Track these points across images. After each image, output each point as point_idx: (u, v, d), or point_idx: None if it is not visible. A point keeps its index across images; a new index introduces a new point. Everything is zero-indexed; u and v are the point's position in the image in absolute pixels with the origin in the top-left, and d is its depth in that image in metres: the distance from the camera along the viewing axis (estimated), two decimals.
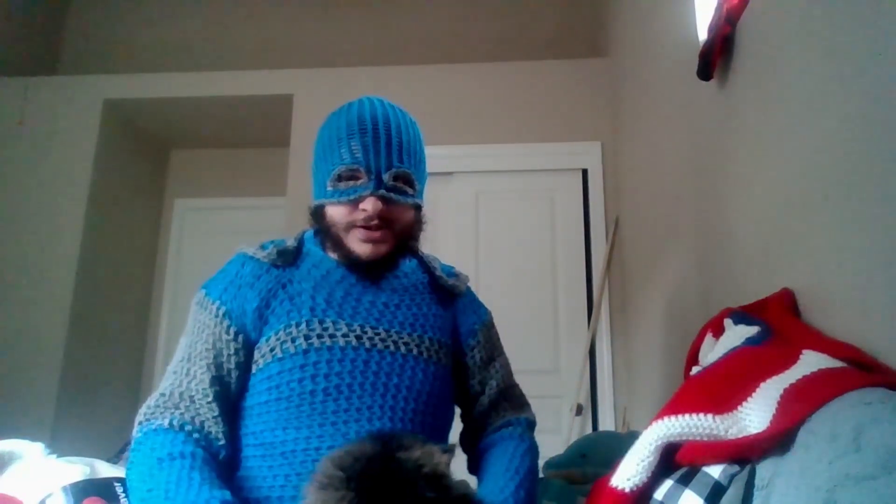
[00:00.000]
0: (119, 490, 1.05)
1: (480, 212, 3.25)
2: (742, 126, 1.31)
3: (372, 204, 1.05)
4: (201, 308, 1.09)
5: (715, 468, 0.74)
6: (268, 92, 3.46)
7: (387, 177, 1.07)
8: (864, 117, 0.84)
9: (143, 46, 3.94)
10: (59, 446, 1.20)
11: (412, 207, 1.13)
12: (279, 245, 1.14)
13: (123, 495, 1.04)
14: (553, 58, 3.48)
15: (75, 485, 1.03)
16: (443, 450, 0.82)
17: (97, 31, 4.05)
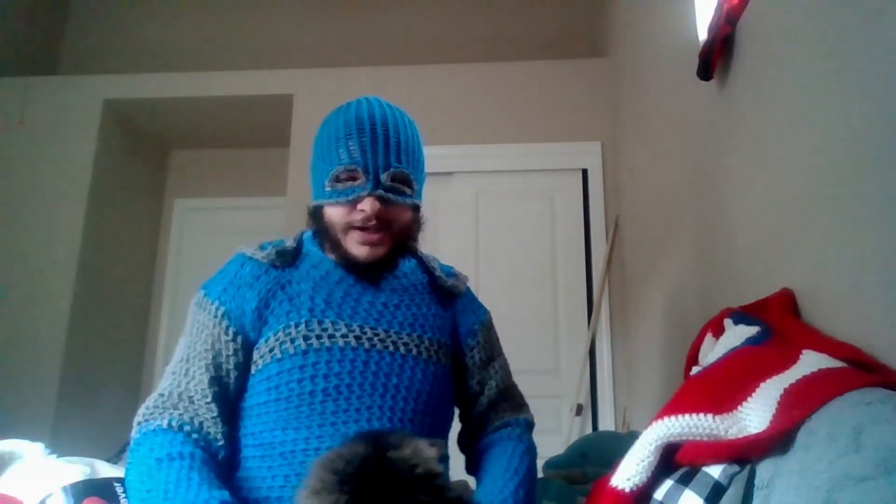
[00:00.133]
0: (119, 490, 1.06)
1: (480, 212, 3.25)
2: (742, 126, 1.31)
3: (370, 204, 1.05)
4: (200, 308, 1.09)
5: (715, 468, 0.74)
6: (268, 92, 3.46)
7: (385, 177, 1.06)
8: (864, 117, 0.84)
9: (143, 46, 3.94)
10: (59, 446, 1.20)
11: (410, 208, 1.13)
12: (278, 246, 1.14)
13: (123, 495, 1.04)
14: (553, 58, 3.48)
15: (75, 485, 1.03)
16: (430, 443, 0.81)
17: (97, 31, 4.05)
